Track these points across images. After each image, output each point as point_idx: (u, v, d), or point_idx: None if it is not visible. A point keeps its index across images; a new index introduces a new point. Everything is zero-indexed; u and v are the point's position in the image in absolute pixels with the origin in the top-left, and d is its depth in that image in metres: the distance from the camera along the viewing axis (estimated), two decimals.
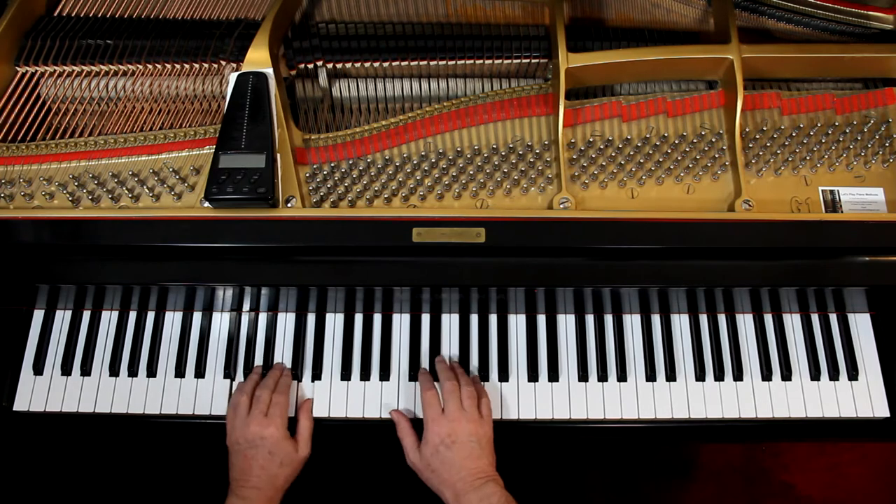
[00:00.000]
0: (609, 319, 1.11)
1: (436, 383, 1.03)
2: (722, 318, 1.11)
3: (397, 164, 1.04)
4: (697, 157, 1.05)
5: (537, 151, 1.05)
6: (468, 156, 1.05)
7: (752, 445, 1.44)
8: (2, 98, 1.09)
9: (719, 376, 1.08)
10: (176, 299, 1.09)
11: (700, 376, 1.08)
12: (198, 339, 1.10)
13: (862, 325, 1.11)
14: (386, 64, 1.10)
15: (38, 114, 1.10)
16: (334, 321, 1.11)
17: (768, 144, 1.06)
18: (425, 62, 1.10)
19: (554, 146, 1.05)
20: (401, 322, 1.11)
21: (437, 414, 0.98)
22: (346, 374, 1.08)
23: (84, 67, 1.10)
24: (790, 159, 1.06)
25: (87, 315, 1.12)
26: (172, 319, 1.11)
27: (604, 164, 1.04)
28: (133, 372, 1.08)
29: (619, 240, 0.98)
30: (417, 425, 1.01)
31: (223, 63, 1.10)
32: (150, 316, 1.12)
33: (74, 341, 1.10)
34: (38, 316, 1.12)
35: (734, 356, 1.09)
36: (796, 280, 1.01)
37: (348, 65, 1.10)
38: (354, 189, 1.03)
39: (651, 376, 1.07)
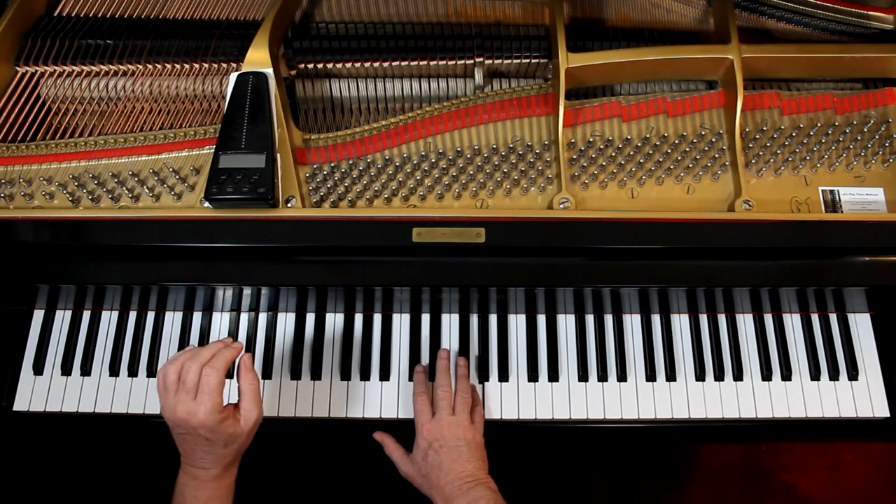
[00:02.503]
0: (609, 319, 1.11)
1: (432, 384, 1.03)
2: (722, 318, 1.11)
3: (397, 164, 1.04)
4: (697, 157, 1.05)
5: (537, 151, 1.05)
6: (468, 156, 1.05)
7: (752, 445, 1.44)
8: (2, 98, 1.09)
9: (719, 376, 1.07)
10: (176, 299, 1.09)
11: (700, 376, 1.08)
12: (198, 340, 1.10)
13: (862, 325, 1.11)
14: (386, 64, 1.10)
15: (38, 114, 1.10)
16: (334, 321, 1.11)
17: (768, 144, 1.06)
18: (425, 62, 1.10)
19: (554, 146, 1.05)
20: (401, 322, 1.11)
21: (427, 419, 0.98)
22: (345, 374, 1.07)
23: (84, 67, 1.10)
24: (790, 159, 1.06)
25: (87, 315, 1.12)
26: (172, 319, 1.11)
27: (604, 164, 1.04)
28: (133, 372, 1.08)
29: (619, 240, 0.98)
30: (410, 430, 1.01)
31: (223, 63, 1.10)
32: (150, 316, 1.11)
33: (74, 341, 1.10)
34: (38, 316, 1.12)
35: (734, 356, 1.09)
36: (796, 280, 1.01)
37: (348, 65, 1.10)
38: (354, 189, 1.03)
39: (651, 376, 1.07)
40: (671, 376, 1.07)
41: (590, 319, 1.11)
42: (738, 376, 1.07)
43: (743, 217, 0.99)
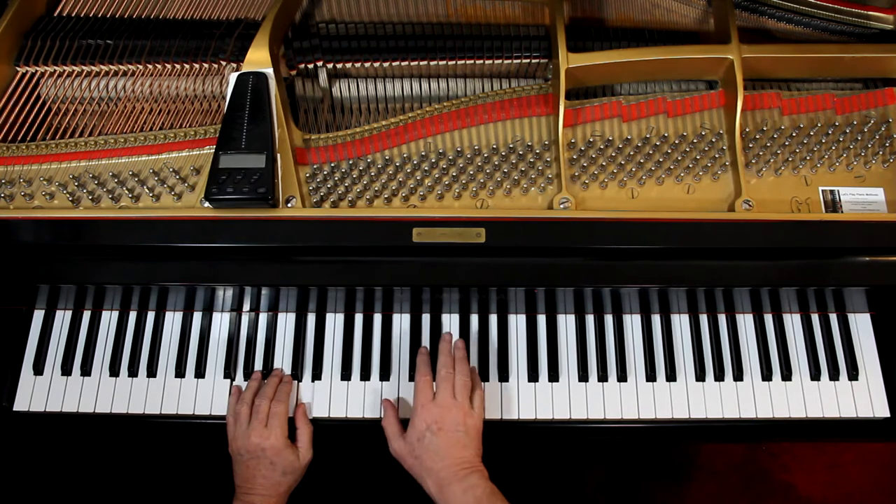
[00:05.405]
0: (609, 319, 1.11)
1: None
2: (722, 318, 1.11)
3: (397, 164, 1.04)
4: (697, 157, 1.05)
5: (537, 151, 1.05)
6: (468, 156, 1.05)
7: (752, 445, 1.45)
8: (2, 98, 1.09)
9: (719, 376, 1.08)
10: (176, 299, 1.09)
11: (700, 376, 1.08)
12: (198, 340, 1.10)
13: (862, 325, 1.11)
14: (386, 64, 1.10)
15: (38, 114, 1.10)
16: (334, 321, 1.11)
17: (768, 144, 1.06)
18: (425, 62, 1.10)
19: (554, 146, 1.05)
20: (401, 322, 1.11)
21: (427, 400, 0.98)
22: (346, 375, 1.08)
23: (84, 67, 1.10)
24: (790, 159, 1.06)
25: (87, 315, 1.12)
26: (172, 319, 1.11)
27: (604, 164, 1.04)
28: (133, 372, 1.08)
29: (620, 240, 0.98)
30: None
31: (223, 63, 1.10)
32: (151, 316, 1.11)
33: (74, 341, 1.10)
34: (38, 316, 1.12)
35: (734, 356, 1.09)
36: (796, 280, 1.01)
37: (348, 65, 1.10)
38: (354, 189, 1.03)
39: (651, 376, 1.07)
40: (671, 376, 1.07)
41: (590, 319, 1.11)
42: (738, 376, 1.08)
43: (743, 217, 0.99)
